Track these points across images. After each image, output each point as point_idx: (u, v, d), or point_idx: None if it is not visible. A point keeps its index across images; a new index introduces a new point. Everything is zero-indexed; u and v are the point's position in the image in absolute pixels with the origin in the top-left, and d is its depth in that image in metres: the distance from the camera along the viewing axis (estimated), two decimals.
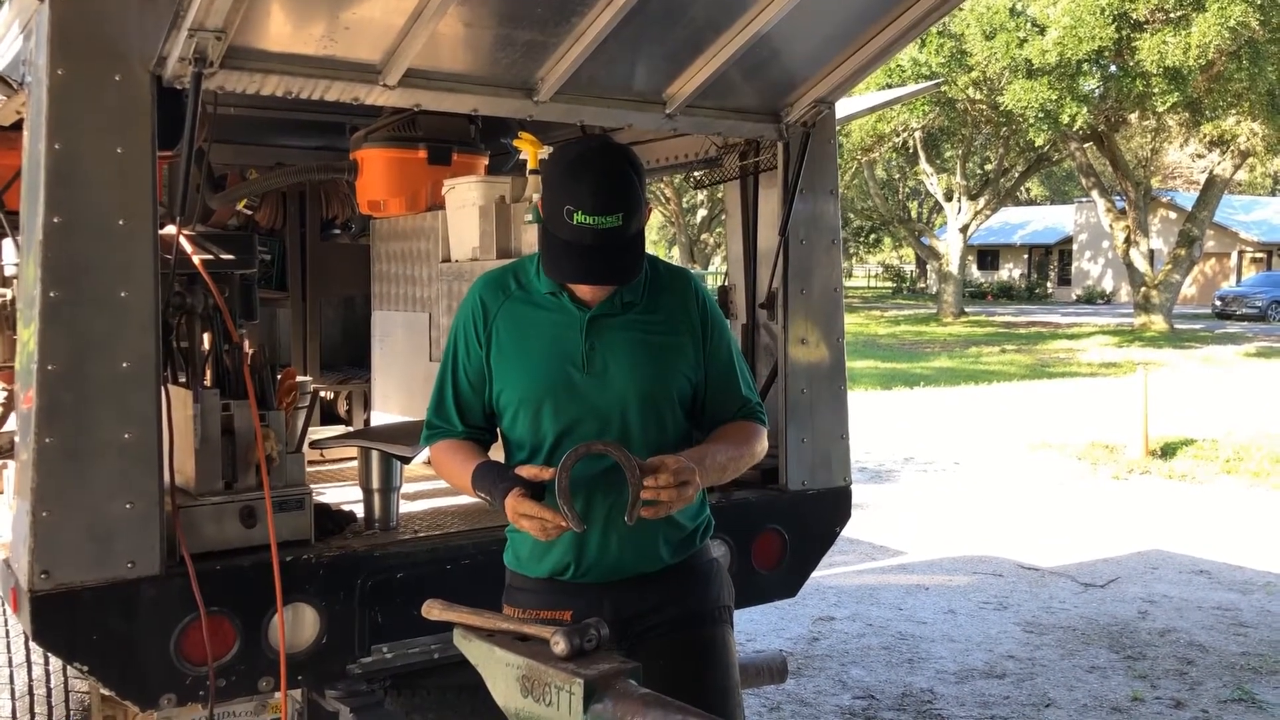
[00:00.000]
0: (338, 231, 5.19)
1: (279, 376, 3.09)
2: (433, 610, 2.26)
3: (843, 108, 3.73)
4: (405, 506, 3.33)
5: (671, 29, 2.96)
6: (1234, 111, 23.53)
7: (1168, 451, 11.02)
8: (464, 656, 2.23)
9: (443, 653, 2.98)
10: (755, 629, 5.74)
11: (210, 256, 2.97)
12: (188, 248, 2.88)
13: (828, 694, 4.97)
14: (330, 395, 4.97)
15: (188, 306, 2.98)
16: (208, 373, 3.02)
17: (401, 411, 4.31)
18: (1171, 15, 20.84)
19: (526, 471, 2.13)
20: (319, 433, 4.17)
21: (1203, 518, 8.67)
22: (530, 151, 3.82)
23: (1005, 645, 5.64)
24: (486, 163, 4.42)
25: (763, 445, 2.35)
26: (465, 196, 3.94)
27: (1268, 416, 13.11)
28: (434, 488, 3.76)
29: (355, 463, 3.44)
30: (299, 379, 3.68)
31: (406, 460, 3.18)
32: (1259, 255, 42.97)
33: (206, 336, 3.05)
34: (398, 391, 4.39)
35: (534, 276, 2.28)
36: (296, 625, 2.82)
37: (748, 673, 3.63)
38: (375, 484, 3.15)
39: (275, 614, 2.73)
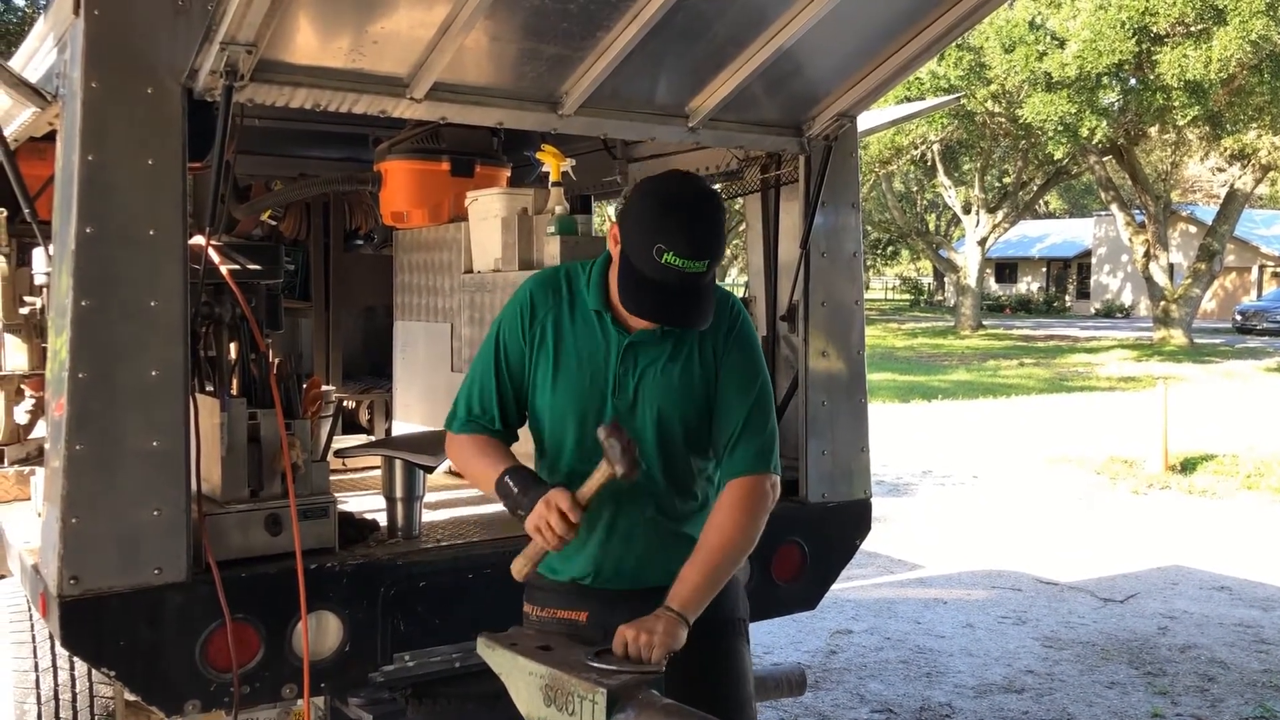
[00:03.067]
0: (361, 242, 5.24)
1: (304, 386, 3.11)
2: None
3: (863, 121, 3.75)
4: (427, 515, 3.35)
5: (695, 43, 2.98)
6: (1255, 125, 23.41)
7: (1188, 466, 10.96)
8: (485, 665, 2.25)
9: (464, 661, 3.00)
10: (773, 641, 5.74)
11: (237, 267, 3.00)
12: (216, 258, 2.91)
13: (846, 707, 4.96)
14: (352, 404, 5.01)
15: (215, 316, 3.01)
16: (234, 382, 3.04)
17: (423, 421, 4.34)
18: (1192, 29, 20.77)
19: (571, 513, 2.13)
20: (341, 442, 4.20)
21: (1223, 533, 8.61)
22: (553, 164, 3.85)
23: (1024, 660, 5.61)
24: (509, 175, 4.45)
25: (764, 506, 2.27)
26: (488, 208, 3.98)
27: None
28: (456, 497, 3.79)
29: (378, 471, 3.47)
30: (324, 388, 3.71)
31: (430, 470, 3.20)
32: None
33: (233, 346, 3.08)
34: (419, 401, 4.41)
35: (584, 288, 2.28)
36: (320, 633, 2.84)
37: (766, 685, 3.63)
38: (398, 493, 3.18)
39: (299, 621, 2.75)
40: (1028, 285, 51.82)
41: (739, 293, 3.63)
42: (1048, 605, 6.59)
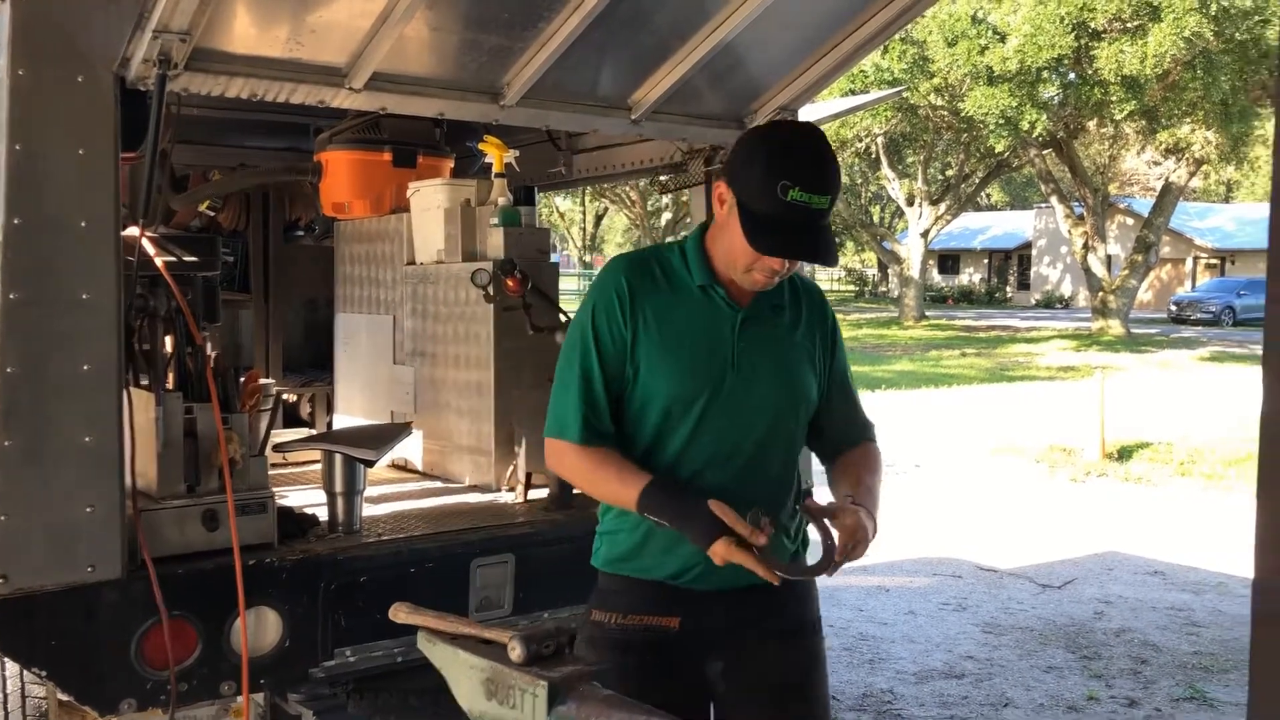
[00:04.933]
0: (301, 233, 5.17)
1: (242, 379, 3.07)
2: (399, 613, 2.26)
3: (807, 114, 3.77)
4: (368, 510, 3.32)
5: (637, 35, 2.99)
6: (1189, 120, 23.91)
7: (1124, 454, 11.19)
8: (427, 660, 2.24)
9: (406, 656, 2.99)
10: None
11: (173, 258, 2.95)
12: (150, 250, 2.86)
13: None
14: (293, 398, 4.95)
15: (150, 309, 2.96)
16: (170, 376, 3.00)
17: (365, 415, 4.30)
18: (1129, 25, 21.16)
19: (739, 527, 1.98)
20: (281, 435, 4.15)
21: (1158, 520, 8.81)
22: (495, 155, 3.83)
23: (964, 646, 5.70)
24: (452, 166, 4.42)
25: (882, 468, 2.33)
26: (430, 199, 3.95)
27: (1221, 420, 13.34)
28: (397, 491, 3.76)
29: (318, 466, 3.44)
30: (262, 381, 3.66)
31: (370, 464, 3.17)
32: (1213, 261, 43.66)
33: (169, 339, 3.03)
34: (361, 394, 4.38)
35: (680, 266, 2.19)
36: (259, 629, 2.81)
37: None
38: (338, 487, 3.15)
39: (238, 618, 2.72)
40: (970, 276, 52.53)
41: None
42: (988, 592, 6.70)
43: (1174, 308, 36.40)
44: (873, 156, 32.60)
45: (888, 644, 5.72)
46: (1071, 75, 23.43)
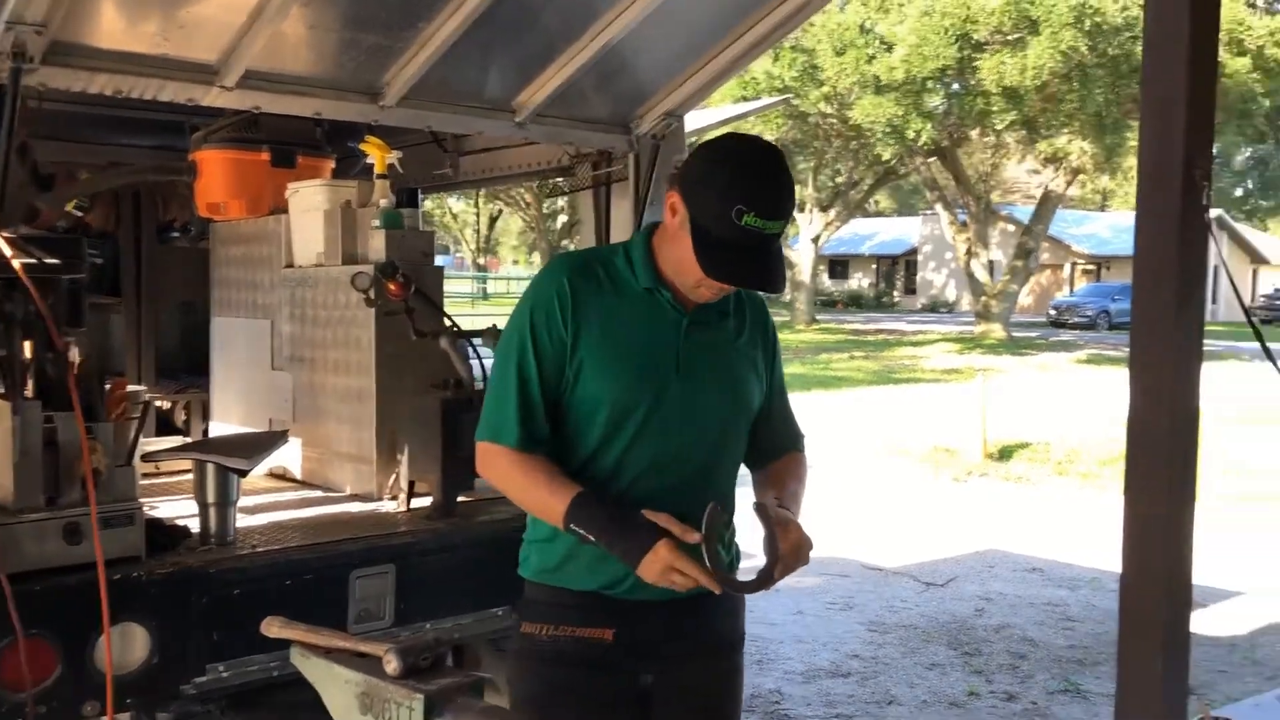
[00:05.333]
0: (175, 235, 5.01)
1: (109, 386, 2.95)
2: (272, 628, 2.20)
3: (696, 120, 3.79)
4: (243, 520, 3.22)
5: (521, 37, 2.96)
6: (1066, 130, 24.77)
7: (1005, 455, 11.54)
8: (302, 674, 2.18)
9: (282, 670, 2.89)
10: None
11: (33, 260, 2.81)
12: (7, 251, 2.72)
13: None
14: (167, 405, 4.78)
15: (6, 313, 2.82)
16: (30, 383, 2.86)
17: (242, 422, 4.18)
18: (1009, 37, 21.84)
19: (674, 528, 1.94)
20: (154, 444, 4.00)
21: (1036, 518, 9.10)
22: (377, 156, 3.75)
23: (850, 645, 5.80)
24: (333, 166, 4.33)
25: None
26: (310, 200, 3.85)
27: (1097, 420, 13.83)
28: (274, 500, 3.66)
29: (191, 476, 3.32)
30: (131, 389, 3.53)
31: (243, 473, 3.08)
32: (1089, 267, 45.34)
33: (28, 344, 2.89)
34: (238, 401, 4.25)
35: (625, 270, 2.12)
36: (125, 646, 2.69)
37: None
38: (211, 498, 3.04)
39: (102, 635, 2.60)
40: (859, 281, 53.59)
41: None
42: (874, 591, 6.83)
43: (1053, 312, 37.68)
44: None
45: (776, 644, 5.78)
46: (955, 85, 24.10)
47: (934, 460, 11.48)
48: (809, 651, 5.69)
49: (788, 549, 1.99)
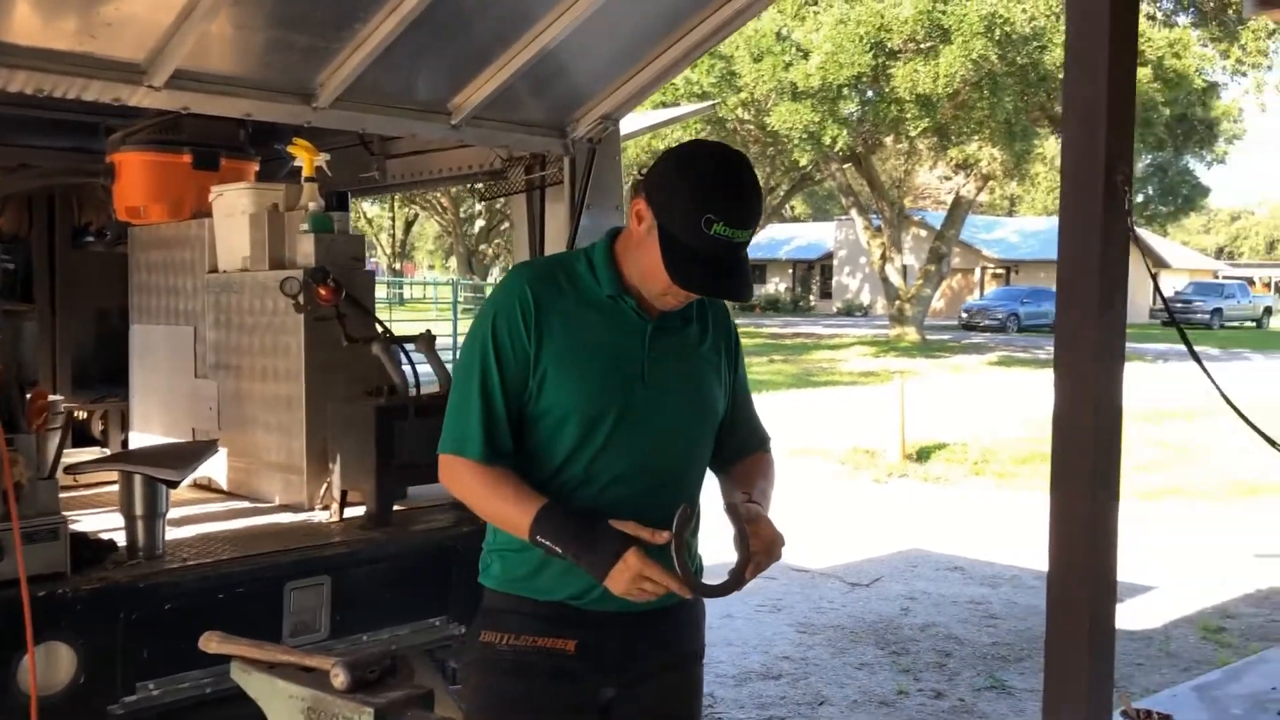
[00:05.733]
0: (92, 239, 4.84)
1: (29, 396, 2.84)
2: (210, 643, 2.14)
3: (624, 125, 3.79)
4: (171, 533, 3.13)
5: (457, 39, 2.93)
6: (976, 137, 25.35)
7: (923, 455, 11.74)
8: (240, 690, 2.12)
9: (215, 687, 2.82)
10: None
11: None
12: None
13: None
14: (84, 415, 4.62)
15: None
16: None
17: (164, 432, 4.06)
18: (922, 46, 22.27)
19: (642, 533, 1.93)
20: (73, 456, 3.87)
21: (955, 517, 9.27)
22: (305, 159, 3.68)
23: (780, 646, 5.84)
24: (257, 169, 4.24)
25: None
26: (235, 204, 3.77)
27: (1009, 421, 14.18)
28: (202, 512, 3.56)
29: (115, 488, 3.22)
30: (50, 399, 3.40)
31: (174, 484, 2.99)
32: (999, 271, 46.45)
33: None
34: (160, 410, 4.13)
35: (587, 274, 2.08)
36: (50, 666, 2.60)
37: None
38: (139, 510, 2.95)
39: (26, 655, 2.50)
40: (776, 285, 54.17)
41: None
42: (801, 592, 6.89)
43: (964, 315, 38.49)
44: None
45: (707, 648, 5.77)
46: (870, 93, 24.50)
47: (854, 462, 11.63)
48: (739, 654, 5.71)
49: (760, 547, 1.99)
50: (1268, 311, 43.72)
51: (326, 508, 3.47)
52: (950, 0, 21.55)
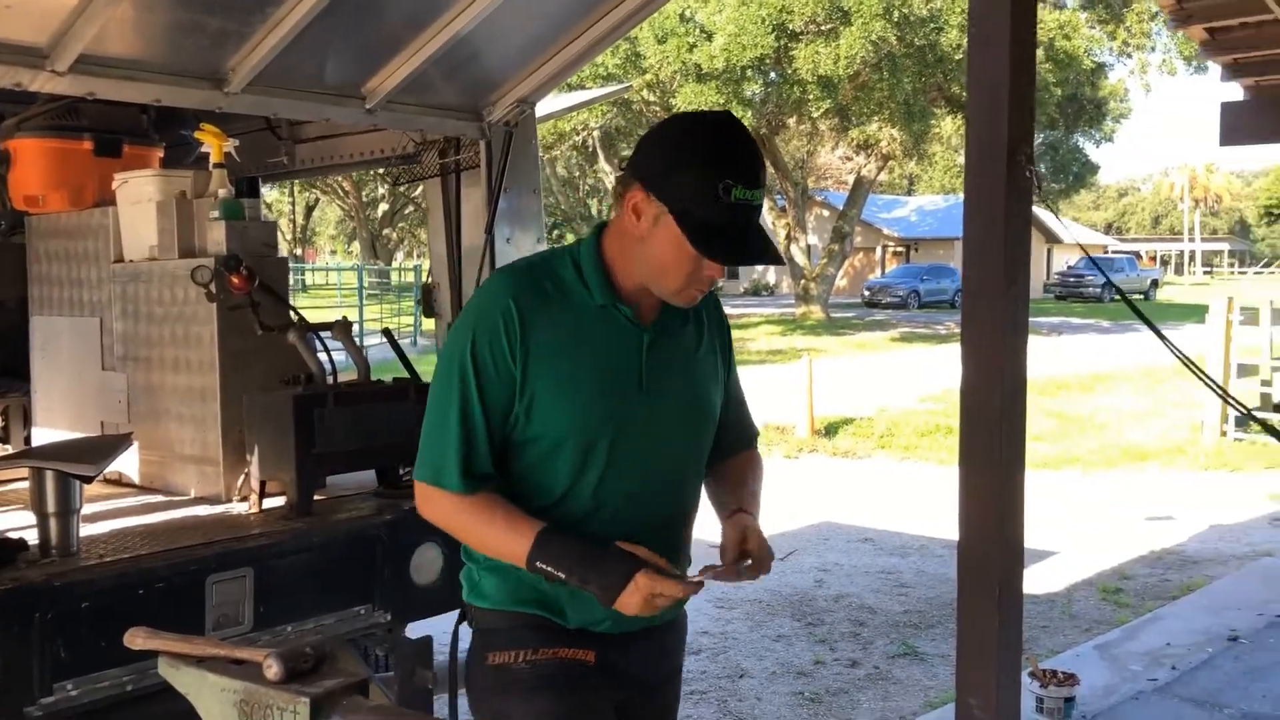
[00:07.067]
0: None
1: None
2: (136, 639, 2.10)
3: (543, 108, 3.78)
4: (85, 529, 3.05)
5: (372, 23, 2.90)
6: (877, 118, 25.78)
7: (831, 430, 11.97)
8: (162, 686, 2.09)
9: (137, 684, 2.77)
10: (464, 629, 5.71)
11: None
12: None
13: None
14: None
15: None
16: None
17: (70, 426, 3.95)
18: (823, 28, 22.55)
19: (655, 560, 1.83)
20: None
21: (864, 490, 9.49)
22: (214, 145, 3.61)
23: (699, 622, 5.92)
24: (162, 155, 4.13)
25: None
26: (140, 191, 3.67)
27: (912, 394, 14.52)
28: (115, 507, 3.48)
29: (21, 485, 3.13)
30: None
31: (89, 479, 2.92)
32: (899, 249, 47.37)
33: None
34: (64, 404, 4.01)
35: (576, 283, 1.91)
36: None
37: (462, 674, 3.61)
38: (51, 507, 2.86)
39: None
40: None
41: (421, 279, 3.56)
42: None
43: (867, 293, 39.22)
44: (590, 150, 33.16)
45: None
46: (773, 74, 24.73)
47: (766, 438, 11.79)
48: None
49: (752, 569, 1.95)
50: (1154, 284, 45.46)
51: (245, 499, 3.42)
52: None
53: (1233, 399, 3.73)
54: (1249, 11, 5.82)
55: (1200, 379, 3.77)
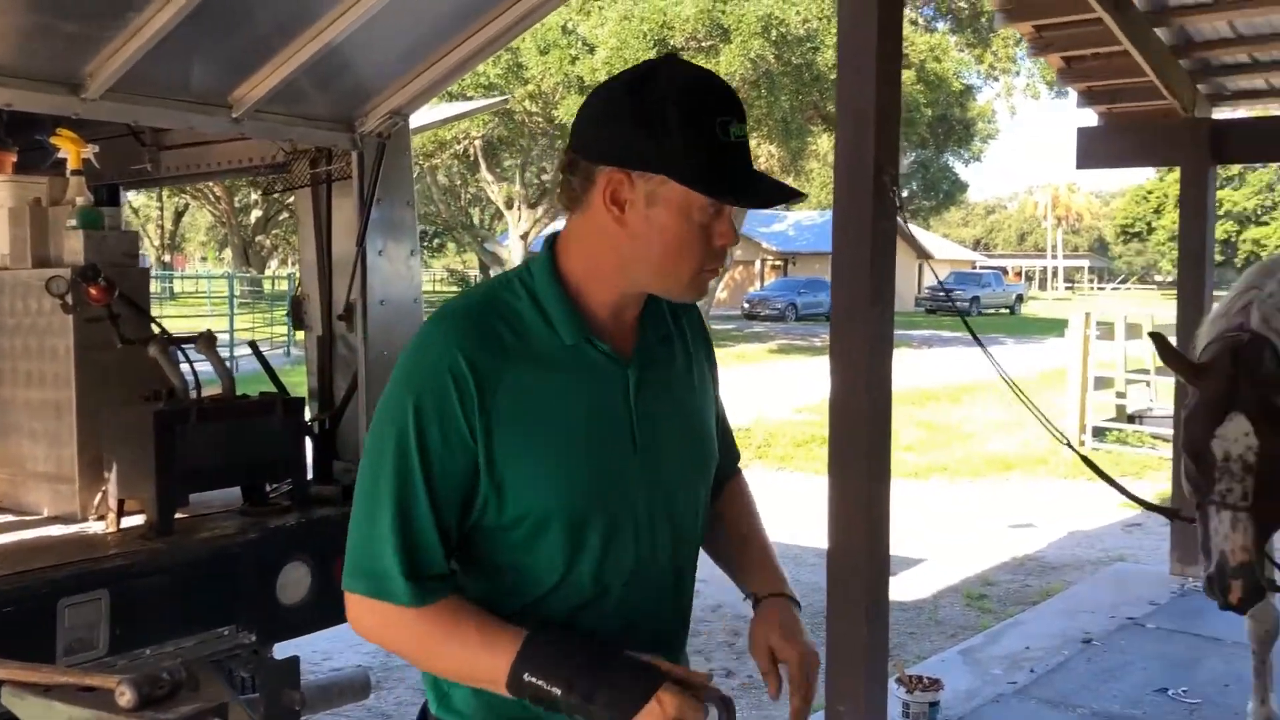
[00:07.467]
0: None
1: None
2: None
3: (415, 118, 3.75)
4: None
5: (239, 30, 2.84)
6: (755, 134, 26.23)
7: None
8: (9, 717, 2.00)
9: None
10: (333, 647, 5.60)
11: None
12: None
13: (410, 704, 4.96)
14: None
15: None
16: None
17: None
18: (703, 44, 22.86)
19: (675, 671, 1.45)
20: None
21: None
22: (71, 150, 3.49)
23: None
24: (14, 160, 3.96)
25: None
26: None
27: (789, 405, 14.79)
28: None
29: None
30: None
31: None
32: (778, 263, 48.23)
33: None
34: None
35: (537, 321, 1.53)
36: None
37: (330, 693, 3.55)
38: None
39: None
40: None
41: (272, 285, 3.48)
42: None
43: (746, 305, 39.83)
44: (471, 159, 32.93)
45: None
46: None
47: None
48: None
49: (798, 693, 1.66)
50: (1019, 299, 47.31)
51: (102, 518, 3.31)
52: (730, 0, 22.20)
53: (1050, 424, 3.98)
54: (1102, 43, 6.13)
55: (1021, 400, 3.99)
